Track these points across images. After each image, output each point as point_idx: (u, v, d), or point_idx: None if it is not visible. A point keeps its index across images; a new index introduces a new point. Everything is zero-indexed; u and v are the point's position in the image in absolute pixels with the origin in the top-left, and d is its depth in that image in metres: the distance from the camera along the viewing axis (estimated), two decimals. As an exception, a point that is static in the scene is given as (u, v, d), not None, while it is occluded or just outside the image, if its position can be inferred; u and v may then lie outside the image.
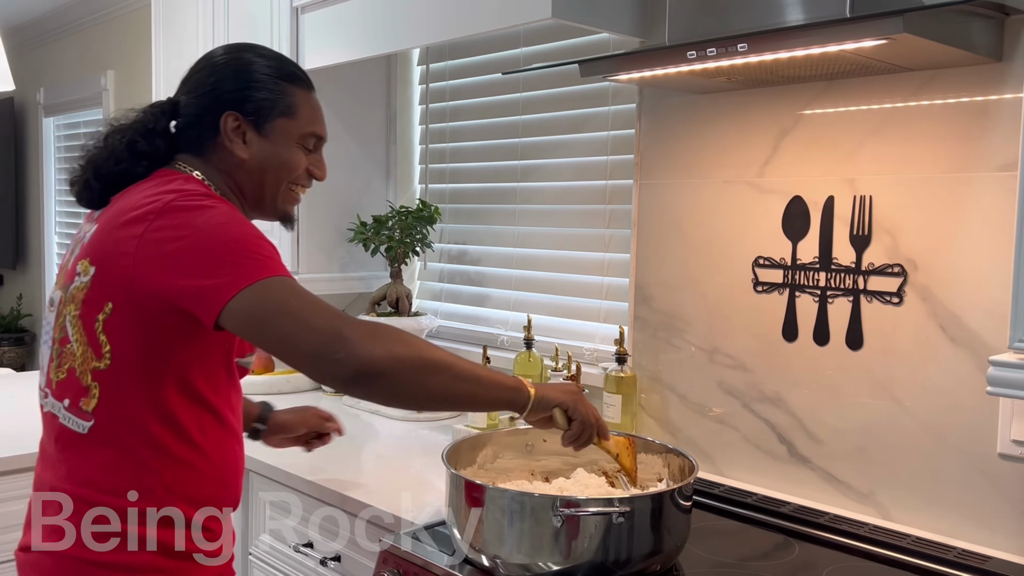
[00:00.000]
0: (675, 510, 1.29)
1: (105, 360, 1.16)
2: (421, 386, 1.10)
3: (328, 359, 1.04)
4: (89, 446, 1.18)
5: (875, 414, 1.56)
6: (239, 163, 1.26)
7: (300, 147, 1.30)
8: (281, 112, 1.27)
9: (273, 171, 1.28)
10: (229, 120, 1.24)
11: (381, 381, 1.07)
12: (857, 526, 1.50)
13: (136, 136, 1.25)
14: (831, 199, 1.61)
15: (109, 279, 1.16)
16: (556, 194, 2.23)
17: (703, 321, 1.81)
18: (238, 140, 1.25)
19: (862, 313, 1.57)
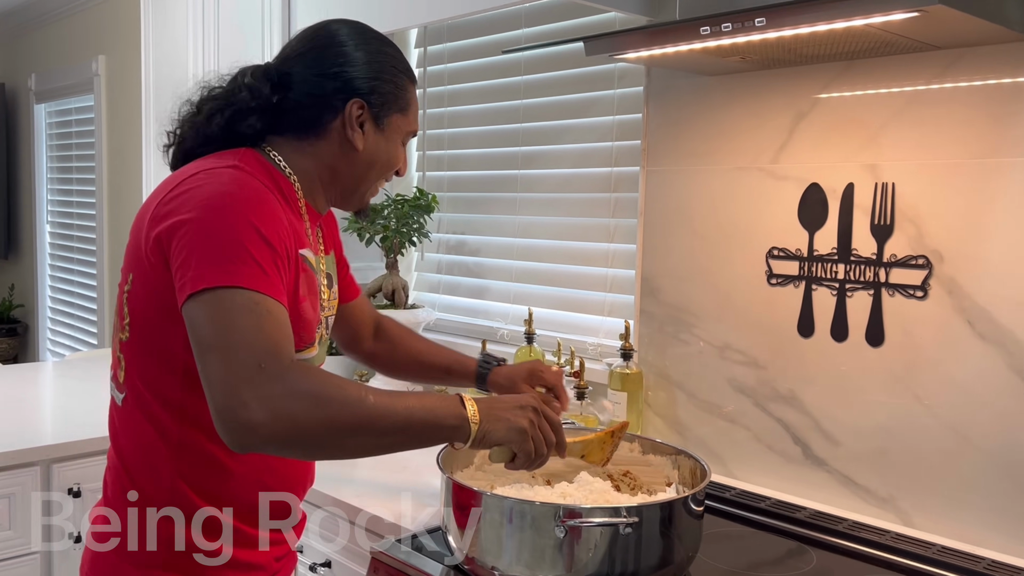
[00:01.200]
0: (686, 518, 1.20)
1: (126, 332, 1.14)
2: (339, 449, 1.02)
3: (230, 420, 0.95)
4: (124, 417, 1.17)
5: (896, 414, 1.48)
6: (351, 151, 1.19)
7: (403, 144, 1.26)
8: (399, 108, 1.22)
9: (379, 165, 1.22)
10: (355, 108, 1.17)
11: (271, 446, 0.97)
12: (879, 534, 1.41)
13: (236, 116, 1.16)
14: (851, 186, 1.52)
15: (133, 250, 1.13)
16: (559, 182, 2.14)
17: (713, 315, 1.72)
18: (358, 130, 1.18)
19: (883, 307, 1.48)
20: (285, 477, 1.21)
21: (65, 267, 4.63)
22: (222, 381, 0.96)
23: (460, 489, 1.21)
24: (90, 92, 4.08)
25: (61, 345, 4.71)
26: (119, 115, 3.88)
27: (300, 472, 1.24)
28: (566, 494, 1.31)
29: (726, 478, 1.69)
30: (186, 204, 1.05)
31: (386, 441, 1.03)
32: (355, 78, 1.17)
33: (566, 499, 1.29)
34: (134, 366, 1.14)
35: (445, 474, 1.25)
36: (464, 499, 1.21)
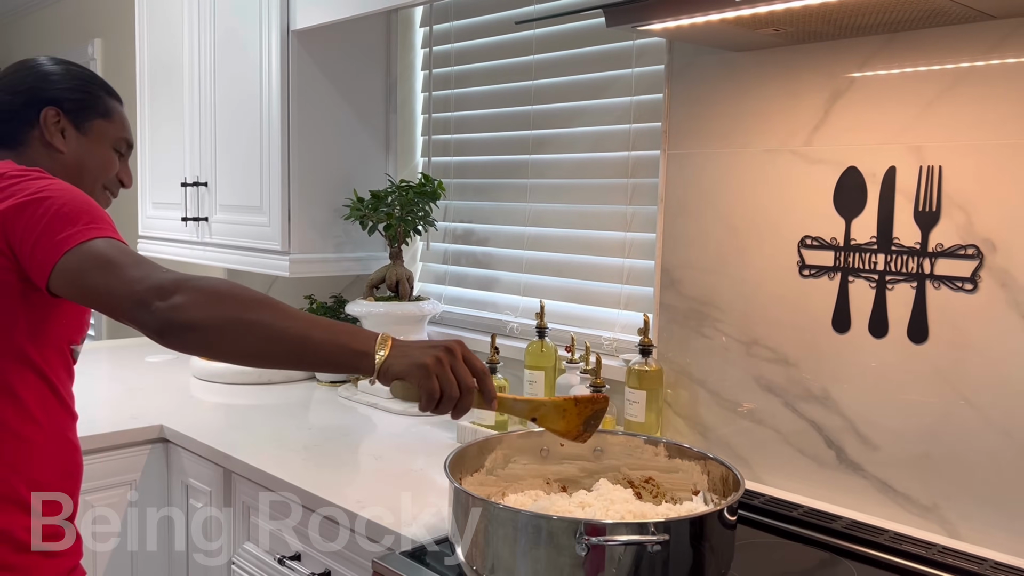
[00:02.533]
0: (720, 532, 1.09)
1: None
2: (236, 343, 1.02)
3: (142, 307, 1.02)
4: None
5: (941, 415, 1.36)
6: (56, 156, 1.30)
7: (114, 151, 1.37)
8: (100, 114, 1.34)
9: (91, 170, 1.34)
10: (50, 113, 1.29)
11: (191, 336, 1.01)
12: (925, 547, 1.30)
13: None
14: (892, 170, 1.40)
15: None
16: (572, 167, 2.02)
17: (740, 309, 1.61)
18: (57, 134, 1.30)
19: (927, 301, 1.37)
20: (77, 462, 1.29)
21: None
22: (133, 279, 1.03)
23: (469, 499, 1.10)
24: (86, 77, 3.98)
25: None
26: (115, 100, 3.77)
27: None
28: (585, 504, 1.21)
29: (753, 483, 1.58)
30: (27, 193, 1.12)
31: (281, 348, 1.02)
32: (46, 89, 1.30)
33: (585, 510, 1.18)
34: None
35: (453, 482, 1.14)
36: (474, 509, 1.10)
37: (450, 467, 1.18)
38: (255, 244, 2.28)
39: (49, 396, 1.22)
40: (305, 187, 2.22)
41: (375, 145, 2.39)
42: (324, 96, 2.24)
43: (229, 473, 1.74)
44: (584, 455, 1.37)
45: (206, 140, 2.44)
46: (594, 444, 1.37)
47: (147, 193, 2.77)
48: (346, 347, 1.02)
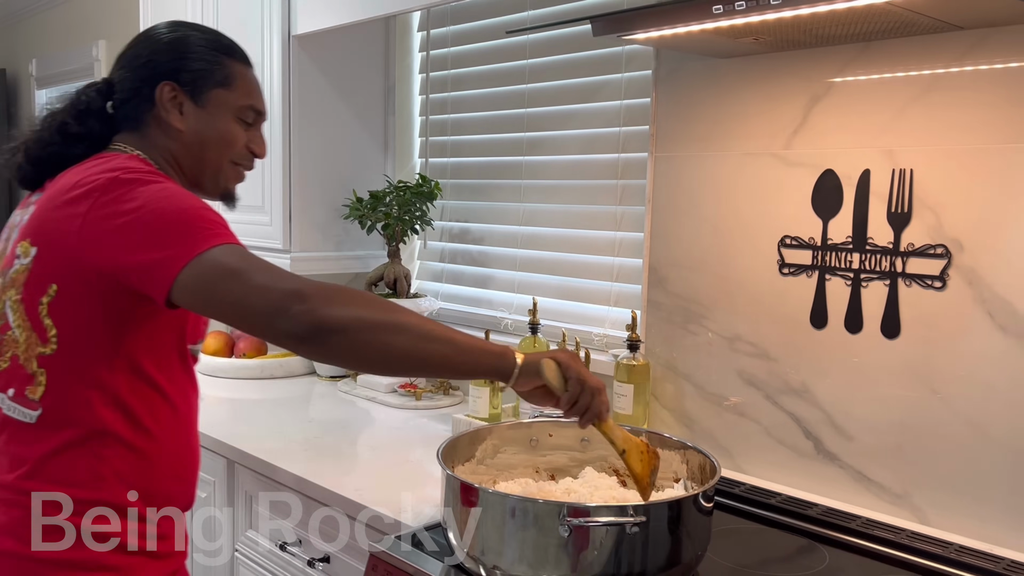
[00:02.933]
0: (696, 516, 1.16)
1: (51, 345, 1.10)
2: (383, 345, 1.01)
3: (282, 315, 0.98)
4: (36, 436, 1.12)
5: (912, 408, 1.43)
6: (176, 135, 1.22)
7: (238, 121, 1.26)
8: (218, 82, 1.24)
9: (213, 144, 1.24)
10: (165, 90, 1.21)
11: (337, 339, 0.99)
12: (894, 532, 1.37)
13: (67, 118, 1.20)
14: (867, 173, 1.46)
15: (53, 260, 1.10)
16: (564, 168, 2.09)
17: (723, 305, 1.67)
18: (174, 110, 1.22)
19: (900, 298, 1.43)
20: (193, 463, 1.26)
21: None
22: (269, 287, 0.99)
23: (461, 485, 1.17)
24: (91, 77, 4.04)
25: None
26: (119, 101, 3.83)
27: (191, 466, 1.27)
28: (571, 490, 1.27)
29: (735, 473, 1.64)
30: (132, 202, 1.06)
31: (430, 349, 1.04)
32: (160, 63, 1.21)
33: (570, 496, 1.25)
34: (62, 378, 1.11)
35: (445, 469, 1.20)
36: (465, 495, 1.17)
37: (443, 456, 1.25)
38: (257, 243, 2.34)
39: (161, 405, 1.18)
40: (306, 187, 2.29)
41: (374, 146, 2.45)
42: (324, 98, 2.31)
43: (232, 464, 1.81)
44: (572, 446, 1.44)
45: (209, 141, 2.50)
46: (581, 434, 1.44)
47: (151, 192, 2.83)
48: (487, 349, 1.09)
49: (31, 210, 1.17)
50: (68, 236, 1.08)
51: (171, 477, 1.21)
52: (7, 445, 1.14)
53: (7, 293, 1.14)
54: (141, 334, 1.13)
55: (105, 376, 1.11)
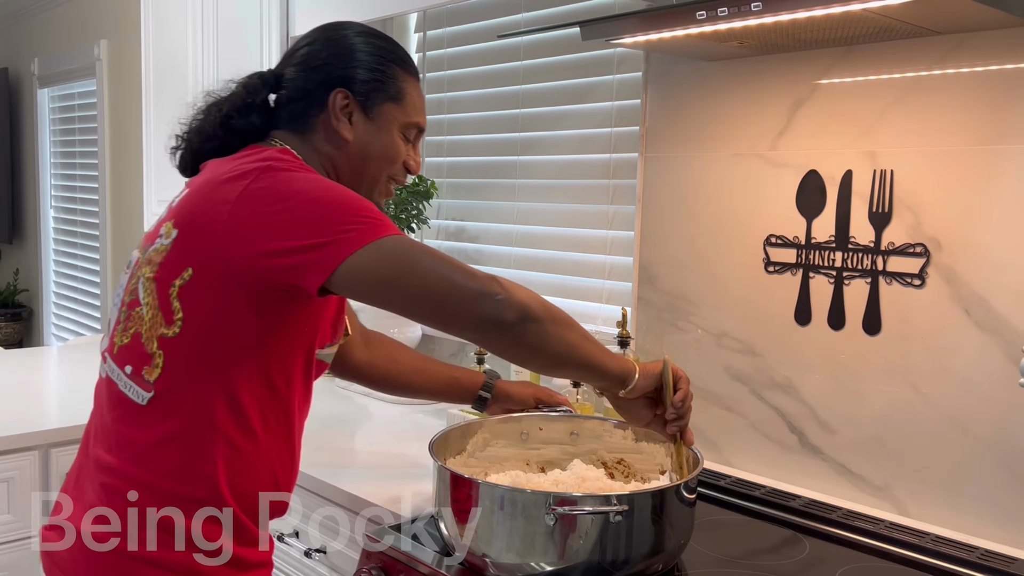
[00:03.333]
0: (678, 506, 1.20)
1: (175, 327, 1.08)
2: (562, 339, 1.08)
3: (488, 299, 1.02)
4: (145, 419, 1.10)
5: (893, 403, 1.47)
6: (341, 144, 1.20)
7: (401, 136, 1.24)
8: (390, 96, 1.21)
9: (375, 158, 1.22)
10: (339, 97, 1.18)
11: (534, 327, 1.04)
12: (873, 522, 1.41)
13: (232, 111, 1.19)
14: (849, 174, 1.50)
15: (193, 244, 1.09)
16: (558, 168, 2.13)
17: (711, 303, 1.71)
18: (344, 119, 1.19)
19: (881, 296, 1.47)
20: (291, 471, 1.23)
21: (69, 252, 4.65)
22: (472, 274, 1.03)
23: (452, 476, 1.21)
24: (92, 77, 4.08)
25: (65, 330, 4.73)
26: (121, 100, 3.88)
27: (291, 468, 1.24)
28: (559, 481, 1.31)
29: (722, 466, 1.68)
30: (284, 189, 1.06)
31: (589, 349, 1.11)
32: (339, 68, 1.19)
33: (558, 487, 1.29)
34: (179, 364, 1.09)
35: (437, 461, 1.24)
36: (456, 486, 1.21)
37: (434, 448, 1.29)
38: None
39: (274, 408, 1.15)
40: (304, 186, 2.32)
41: (371, 146, 2.48)
42: (322, 99, 2.34)
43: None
44: (563, 439, 1.48)
45: (209, 141, 2.54)
46: (571, 428, 1.48)
47: (152, 190, 2.87)
48: (614, 355, 1.16)
49: (184, 193, 1.16)
50: (214, 223, 1.06)
51: (270, 484, 1.17)
52: (116, 423, 1.12)
53: (143, 269, 1.13)
54: (268, 331, 1.10)
55: (222, 368, 1.09)
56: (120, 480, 1.11)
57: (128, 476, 1.10)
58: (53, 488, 1.88)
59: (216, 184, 1.10)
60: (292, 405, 1.18)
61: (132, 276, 1.16)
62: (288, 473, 1.21)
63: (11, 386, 2.31)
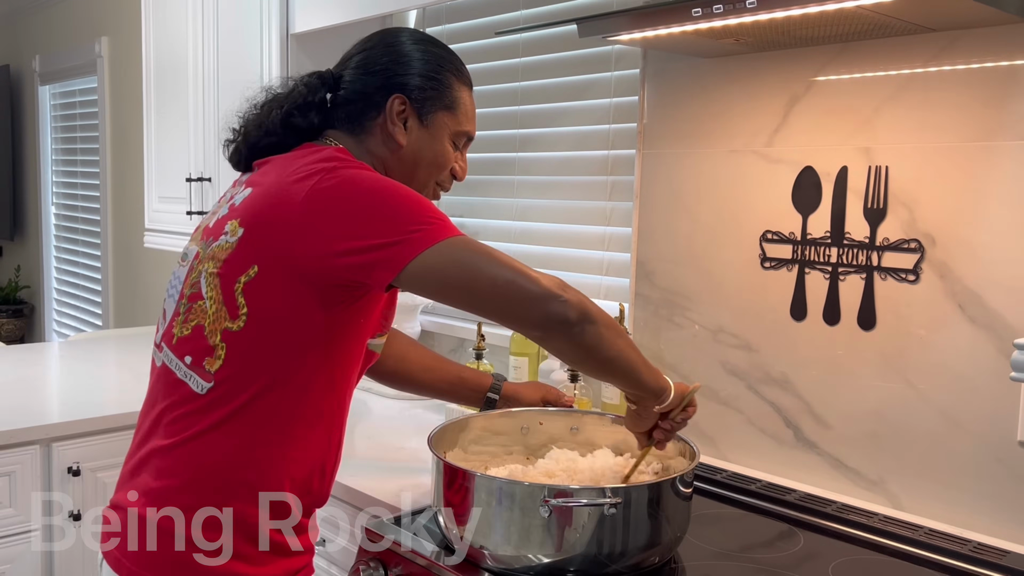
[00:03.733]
0: (674, 500, 1.21)
1: (239, 322, 1.11)
2: (614, 344, 1.13)
3: (555, 299, 1.07)
4: (203, 408, 1.12)
5: (887, 398, 1.48)
6: (396, 148, 1.23)
7: (451, 143, 1.28)
8: (445, 105, 1.25)
9: (425, 164, 1.25)
10: (396, 103, 1.22)
11: (592, 329, 1.10)
12: (867, 516, 1.42)
13: (292, 109, 1.22)
14: (844, 170, 1.51)
15: (260, 243, 1.12)
16: (556, 165, 2.14)
17: (707, 299, 1.72)
18: (400, 124, 1.23)
19: (875, 291, 1.48)
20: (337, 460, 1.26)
21: (70, 248, 4.66)
22: (536, 275, 1.08)
23: (451, 469, 1.22)
24: (93, 74, 4.09)
25: (67, 326, 4.75)
26: (122, 97, 3.88)
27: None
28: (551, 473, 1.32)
29: (719, 461, 1.69)
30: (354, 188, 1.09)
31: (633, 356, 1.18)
32: (397, 74, 1.23)
33: (552, 479, 1.30)
34: (241, 357, 1.11)
35: (436, 455, 1.26)
36: (454, 479, 1.22)
37: (433, 442, 1.30)
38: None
39: (331, 399, 1.18)
40: (304, 183, 2.33)
41: (371, 143, 2.49)
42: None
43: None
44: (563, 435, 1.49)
45: (209, 137, 2.55)
46: (570, 423, 1.49)
47: (153, 187, 2.88)
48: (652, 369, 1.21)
49: (247, 192, 1.18)
50: (282, 223, 1.09)
51: (318, 473, 1.20)
52: (172, 409, 1.14)
53: (205, 264, 1.16)
54: (333, 326, 1.13)
55: (285, 361, 1.12)
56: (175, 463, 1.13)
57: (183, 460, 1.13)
58: (55, 483, 1.89)
59: (284, 185, 1.12)
60: (346, 396, 1.22)
61: (192, 270, 1.19)
62: (335, 462, 1.25)
63: (13, 381, 2.32)
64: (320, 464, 1.20)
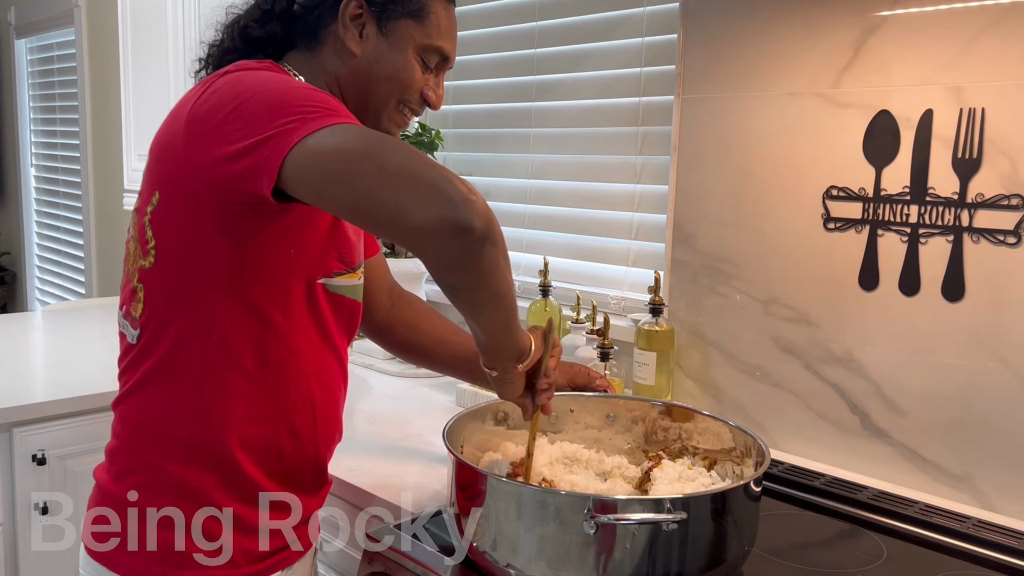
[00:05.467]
0: (743, 509, 1.00)
1: (150, 258, 1.01)
2: (505, 277, 0.92)
3: (462, 201, 0.82)
4: (135, 360, 1.04)
5: (975, 379, 1.27)
6: (348, 58, 1.08)
7: (419, 60, 1.10)
8: (410, 12, 1.08)
9: (383, 79, 1.08)
10: (351, 5, 1.07)
11: (492, 251, 0.86)
12: (959, 520, 1.21)
13: (249, 20, 1.11)
14: (928, 114, 1.29)
15: (159, 166, 1.01)
16: (579, 115, 1.91)
17: (758, 265, 1.51)
18: (353, 31, 1.07)
19: (965, 256, 1.27)
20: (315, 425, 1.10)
21: (51, 212, 4.43)
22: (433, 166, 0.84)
23: (469, 471, 1.01)
24: (71, 25, 3.83)
25: (50, 294, 4.53)
26: (101, 50, 3.64)
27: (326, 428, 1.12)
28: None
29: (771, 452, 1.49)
30: (233, 90, 0.94)
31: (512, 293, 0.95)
32: None
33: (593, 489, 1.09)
34: (159, 298, 1.01)
35: (453, 452, 1.05)
36: (474, 484, 1.01)
37: (449, 436, 1.09)
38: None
39: (274, 344, 1.02)
40: (295, 137, 2.10)
41: (369, 93, 2.26)
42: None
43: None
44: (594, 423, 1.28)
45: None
46: (607, 410, 1.28)
47: (132, 145, 2.65)
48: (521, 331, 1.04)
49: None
50: (175, 138, 0.98)
51: (286, 434, 1.05)
52: (120, 363, 1.08)
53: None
54: (244, 255, 0.98)
55: (200, 298, 0.99)
56: (117, 422, 1.07)
57: (120, 418, 1.06)
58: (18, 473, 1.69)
59: (181, 102, 1.01)
60: (298, 343, 1.05)
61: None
62: (310, 426, 1.09)
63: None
64: (286, 423, 1.05)
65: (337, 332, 1.12)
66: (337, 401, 1.15)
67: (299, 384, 1.06)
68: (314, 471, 1.12)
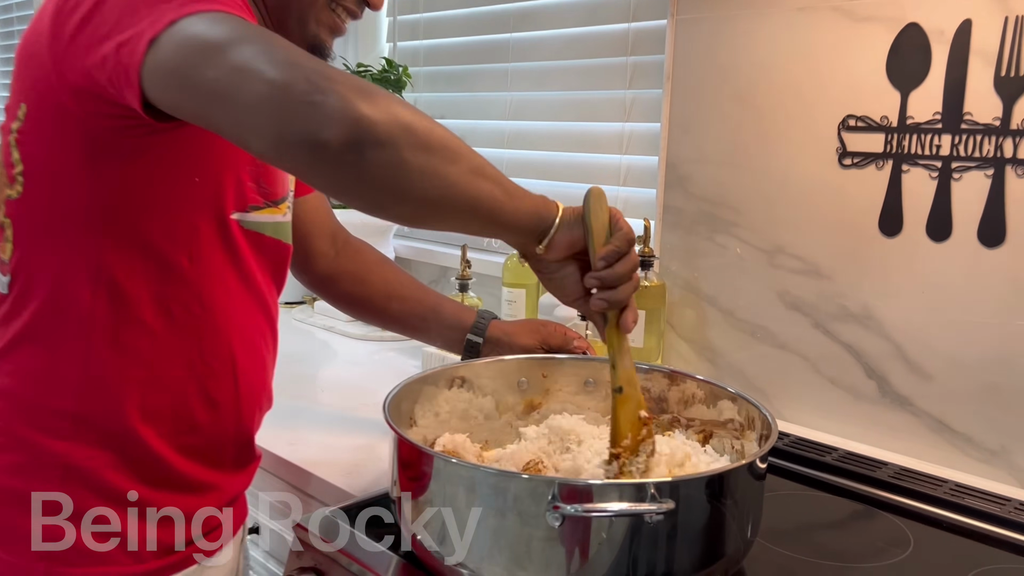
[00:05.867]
0: (744, 492, 0.82)
1: (17, 186, 0.85)
2: (434, 173, 0.72)
3: (302, 104, 0.65)
4: (7, 314, 0.87)
5: (1014, 339, 1.09)
6: None
7: None
8: None
9: None
10: None
11: (380, 154, 0.67)
12: (998, 503, 1.03)
13: None
14: (967, 25, 1.10)
15: (25, 71, 0.84)
16: (560, 46, 1.73)
17: (761, 210, 1.32)
18: None
19: (1007, 193, 1.08)
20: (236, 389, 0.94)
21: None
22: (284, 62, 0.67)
23: (413, 452, 0.83)
24: (29, -29, 3.61)
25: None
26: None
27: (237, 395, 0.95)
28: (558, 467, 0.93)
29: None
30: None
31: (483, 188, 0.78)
32: None
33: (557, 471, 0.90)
34: (29, 234, 0.85)
35: (395, 429, 0.86)
36: (417, 465, 0.83)
37: (390, 408, 0.91)
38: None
39: (178, 293, 0.87)
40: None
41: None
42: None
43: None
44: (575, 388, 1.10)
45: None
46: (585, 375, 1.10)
47: None
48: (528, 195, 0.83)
49: None
50: (39, 39, 0.81)
51: (198, 400, 0.90)
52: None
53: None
54: (130, 185, 0.83)
55: (80, 236, 0.83)
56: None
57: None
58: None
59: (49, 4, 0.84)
60: (209, 291, 0.90)
61: None
62: (230, 392, 0.93)
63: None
64: (199, 388, 0.90)
65: (263, 280, 0.95)
66: (263, 361, 0.99)
67: (215, 342, 0.91)
68: (237, 444, 0.96)
